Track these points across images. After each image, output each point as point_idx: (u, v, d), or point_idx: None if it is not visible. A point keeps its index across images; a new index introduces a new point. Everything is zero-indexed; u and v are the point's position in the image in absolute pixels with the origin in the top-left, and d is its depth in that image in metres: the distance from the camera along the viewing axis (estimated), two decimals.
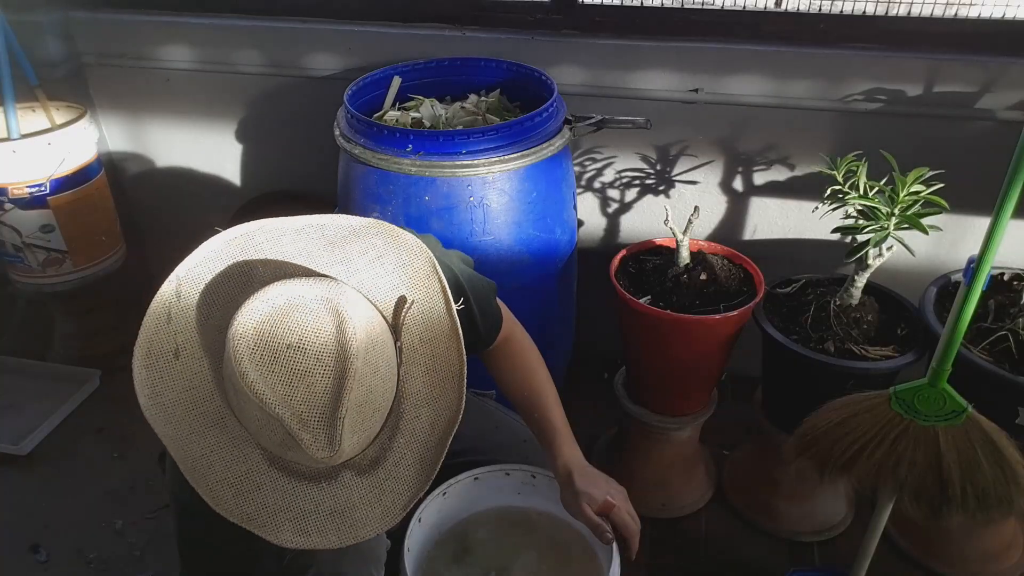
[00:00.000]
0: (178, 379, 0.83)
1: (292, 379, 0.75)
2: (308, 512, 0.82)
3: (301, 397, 0.75)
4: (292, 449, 0.78)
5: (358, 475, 0.84)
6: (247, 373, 0.75)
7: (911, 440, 1.18)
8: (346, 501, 0.83)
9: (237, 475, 0.82)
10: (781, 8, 1.77)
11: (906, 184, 1.34)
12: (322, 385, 0.76)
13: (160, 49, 2.11)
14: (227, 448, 0.82)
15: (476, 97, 1.78)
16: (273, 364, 0.75)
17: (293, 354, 0.76)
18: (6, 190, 1.94)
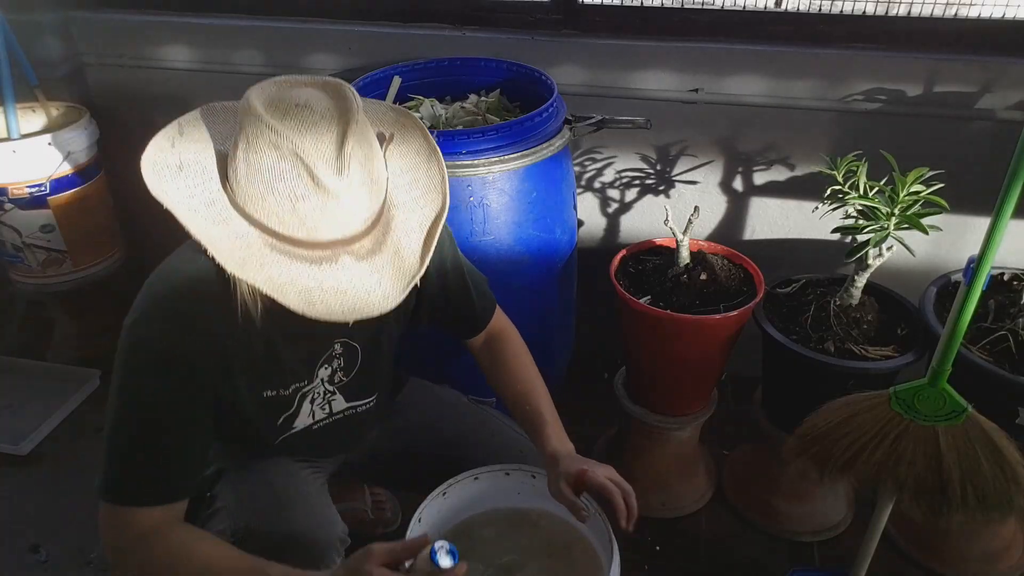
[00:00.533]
0: (181, 187, 0.89)
1: (302, 128, 0.83)
2: (311, 288, 0.87)
3: (314, 133, 0.84)
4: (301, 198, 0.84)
5: (357, 260, 0.90)
6: (262, 115, 0.83)
7: (911, 440, 1.18)
8: (348, 281, 0.88)
9: (239, 257, 0.86)
10: (781, 8, 1.77)
11: (906, 184, 1.34)
12: (329, 135, 0.85)
13: (160, 49, 2.11)
14: (230, 239, 0.86)
15: (476, 97, 1.78)
16: (284, 118, 0.84)
17: (301, 111, 0.84)
18: (6, 190, 1.94)
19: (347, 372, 1.19)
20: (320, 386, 1.17)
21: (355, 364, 1.19)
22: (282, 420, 1.15)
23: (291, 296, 0.86)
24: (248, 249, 0.86)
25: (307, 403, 1.16)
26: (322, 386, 1.17)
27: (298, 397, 1.14)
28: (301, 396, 1.14)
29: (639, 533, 1.71)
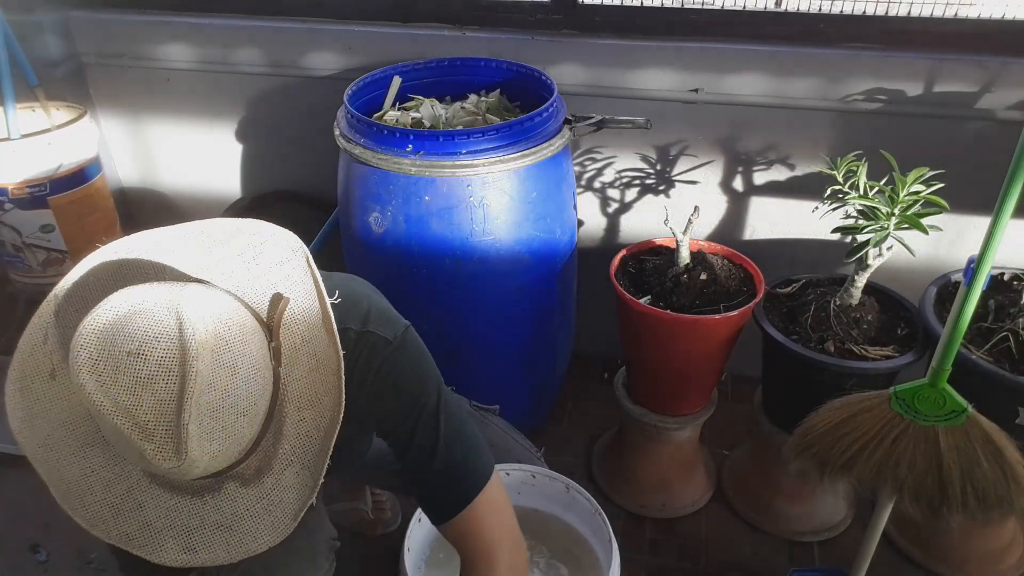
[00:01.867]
0: (55, 400, 0.80)
1: (136, 388, 0.71)
2: (193, 528, 0.79)
3: (147, 406, 0.71)
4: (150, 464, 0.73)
5: (243, 486, 0.80)
6: (86, 385, 0.71)
7: (911, 440, 1.18)
8: (232, 514, 0.80)
9: (117, 495, 0.78)
10: (781, 8, 1.77)
11: (906, 184, 1.34)
12: (167, 391, 0.71)
13: (160, 49, 2.11)
14: (107, 468, 0.79)
15: (476, 97, 1.78)
16: (116, 374, 0.71)
17: (134, 361, 0.71)
18: (6, 190, 1.94)
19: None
20: None
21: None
22: None
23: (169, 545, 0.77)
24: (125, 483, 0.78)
25: None
26: None
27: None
28: None
29: (639, 533, 1.72)
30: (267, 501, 0.81)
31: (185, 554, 0.78)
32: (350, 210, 1.65)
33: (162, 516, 0.78)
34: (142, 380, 0.71)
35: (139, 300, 0.75)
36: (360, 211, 1.61)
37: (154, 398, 0.71)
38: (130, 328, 0.72)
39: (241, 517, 0.80)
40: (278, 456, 0.81)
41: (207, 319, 0.75)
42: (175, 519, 0.78)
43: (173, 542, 0.78)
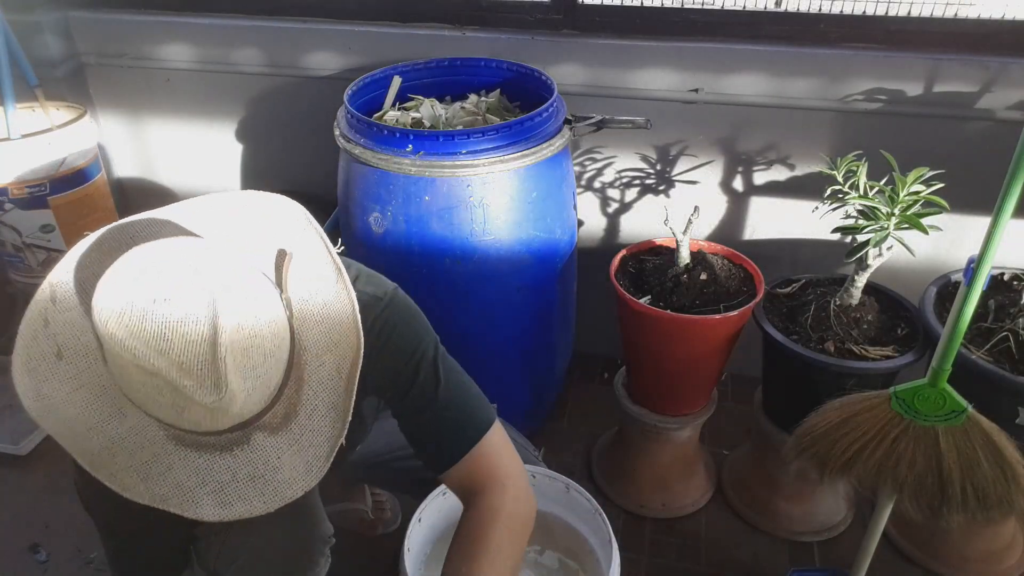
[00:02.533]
0: (64, 379, 0.80)
1: (166, 331, 0.71)
2: (226, 483, 0.78)
3: (180, 346, 0.72)
4: (185, 408, 0.74)
5: (271, 434, 0.81)
6: (116, 335, 0.71)
7: (911, 440, 1.18)
8: (264, 464, 0.80)
9: (143, 461, 0.78)
10: (781, 8, 1.77)
11: (906, 184, 1.34)
12: (198, 333, 0.72)
13: (160, 49, 2.11)
14: (129, 438, 0.78)
15: (476, 97, 1.78)
16: (143, 322, 0.71)
17: (161, 307, 0.72)
18: (6, 190, 1.94)
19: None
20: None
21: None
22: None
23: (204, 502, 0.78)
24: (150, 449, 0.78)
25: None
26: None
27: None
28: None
29: (639, 533, 1.72)
30: (298, 446, 0.81)
31: (221, 509, 0.78)
32: (350, 210, 1.65)
33: (193, 475, 0.78)
34: (172, 324, 0.71)
35: (155, 254, 0.76)
36: (360, 211, 1.61)
37: (185, 340, 0.71)
38: (151, 278, 0.73)
39: (274, 466, 0.80)
40: (302, 401, 0.82)
41: (225, 267, 0.76)
42: (207, 476, 0.78)
43: (208, 499, 0.78)
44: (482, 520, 0.97)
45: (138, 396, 0.76)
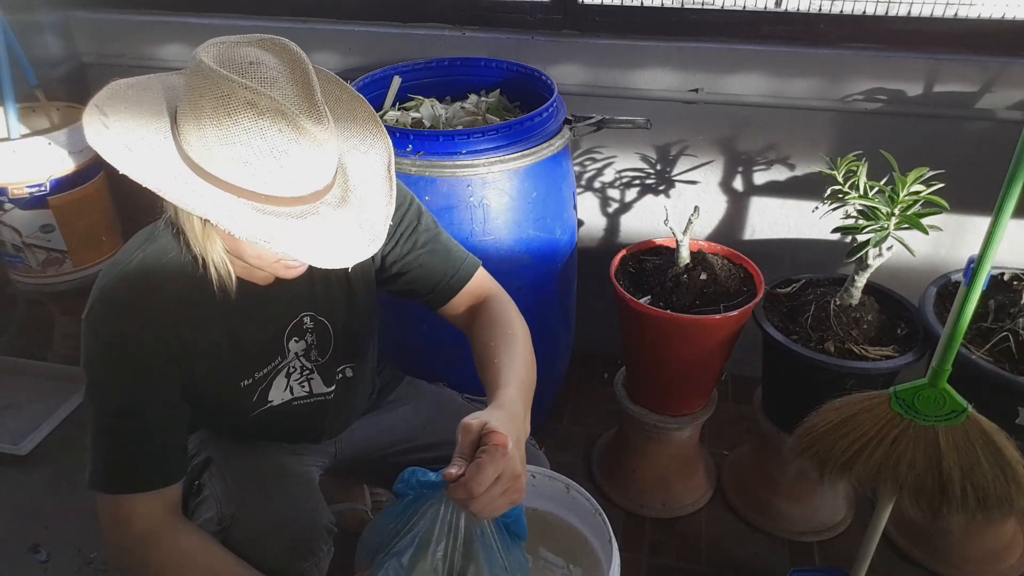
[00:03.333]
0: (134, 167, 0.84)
1: (266, 83, 0.82)
2: (306, 244, 0.86)
3: (280, 93, 0.82)
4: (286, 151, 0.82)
5: (334, 208, 0.90)
6: (230, 76, 0.79)
7: (911, 440, 1.18)
8: (334, 230, 0.89)
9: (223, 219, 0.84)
10: (781, 8, 1.77)
11: (906, 184, 1.34)
12: (291, 88, 0.83)
13: (160, 49, 2.11)
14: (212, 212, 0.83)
15: (476, 97, 1.78)
16: (245, 74, 0.81)
17: (256, 69, 0.82)
18: (6, 190, 1.94)
19: (323, 351, 1.17)
20: (296, 360, 1.15)
21: (330, 342, 1.17)
22: (257, 396, 1.14)
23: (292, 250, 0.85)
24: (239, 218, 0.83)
25: (282, 377, 1.15)
26: (298, 361, 1.15)
27: (272, 373, 1.14)
28: (275, 372, 1.14)
29: (639, 533, 1.72)
30: (358, 217, 0.92)
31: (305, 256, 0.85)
32: None
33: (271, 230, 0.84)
34: (268, 80, 0.82)
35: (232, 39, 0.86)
36: None
37: (282, 91, 0.82)
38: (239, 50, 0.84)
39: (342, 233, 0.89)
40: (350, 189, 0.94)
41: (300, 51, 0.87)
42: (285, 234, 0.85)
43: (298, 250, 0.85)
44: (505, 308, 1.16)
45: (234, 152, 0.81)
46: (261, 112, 0.80)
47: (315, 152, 0.84)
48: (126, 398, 0.97)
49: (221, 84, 0.80)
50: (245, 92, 0.79)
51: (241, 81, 0.79)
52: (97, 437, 0.98)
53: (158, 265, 0.97)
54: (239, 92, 0.79)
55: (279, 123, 0.81)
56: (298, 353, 1.15)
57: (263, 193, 0.84)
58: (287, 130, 0.81)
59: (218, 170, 0.83)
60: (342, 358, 1.20)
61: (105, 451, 0.98)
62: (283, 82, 0.83)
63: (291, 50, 0.86)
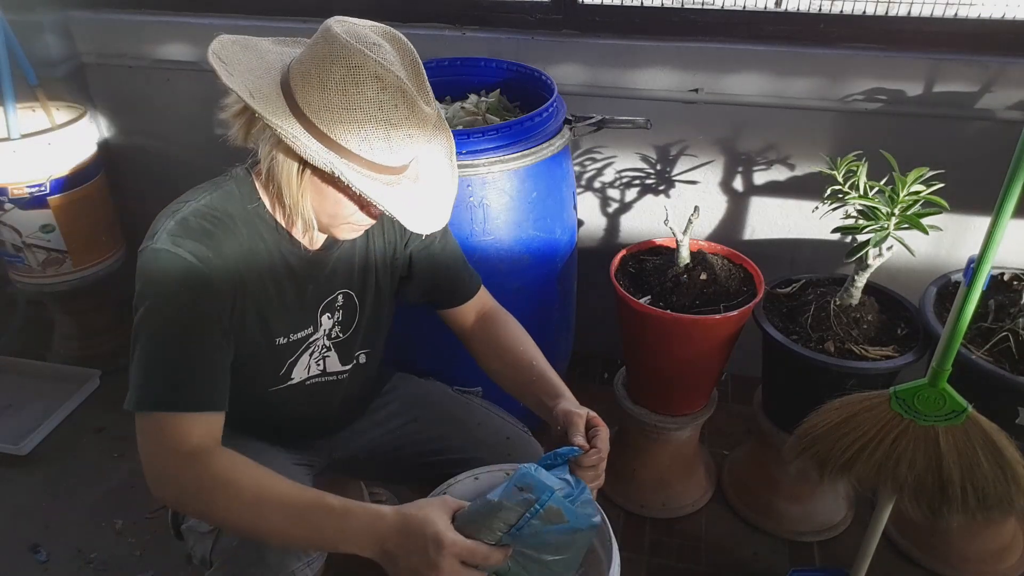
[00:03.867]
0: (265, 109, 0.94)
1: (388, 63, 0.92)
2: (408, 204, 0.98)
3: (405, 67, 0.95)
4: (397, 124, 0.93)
5: (413, 183, 1.02)
6: (364, 51, 0.90)
7: (911, 440, 1.18)
8: (414, 200, 1.00)
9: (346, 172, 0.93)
10: (781, 8, 1.77)
11: (906, 184, 1.34)
12: (405, 70, 0.95)
13: (160, 49, 2.11)
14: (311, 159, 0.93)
15: (476, 97, 1.78)
16: (373, 52, 0.92)
17: (379, 50, 0.93)
18: (6, 190, 1.94)
19: (344, 328, 1.20)
20: (322, 338, 1.18)
21: (353, 321, 1.21)
22: (285, 368, 1.15)
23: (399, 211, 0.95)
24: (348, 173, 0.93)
25: (307, 355, 1.17)
26: (323, 339, 1.18)
27: (302, 347, 1.16)
28: (306, 346, 1.16)
29: (639, 533, 1.72)
30: (431, 195, 1.05)
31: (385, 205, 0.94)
32: None
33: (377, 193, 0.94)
34: (390, 60, 0.93)
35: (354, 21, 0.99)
36: None
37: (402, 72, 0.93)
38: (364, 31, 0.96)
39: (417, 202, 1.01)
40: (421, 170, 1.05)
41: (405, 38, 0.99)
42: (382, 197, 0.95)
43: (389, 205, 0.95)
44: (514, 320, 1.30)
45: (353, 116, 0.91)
46: (385, 87, 0.90)
47: (419, 130, 0.95)
48: (189, 317, 0.97)
49: (355, 55, 0.90)
50: (375, 67, 0.89)
51: (372, 56, 0.90)
52: (150, 359, 0.97)
53: (225, 207, 1.04)
54: (370, 65, 0.90)
55: (398, 99, 0.91)
56: (327, 330, 1.18)
57: (366, 158, 0.94)
58: (403, 107, 0.92)
59: (332, 131, 0.92)
60: (361, 342, 1.24)
61: (160, 370, 0.97)
62: (399, 67, 0.93)
63: (402, 41, 0.98)
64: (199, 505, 0.95)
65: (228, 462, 0.96)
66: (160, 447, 0.96)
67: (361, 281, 1.19)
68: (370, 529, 0.90)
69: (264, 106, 0.94)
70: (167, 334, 0.97)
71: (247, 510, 0.92)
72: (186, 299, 0.97)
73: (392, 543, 0.89)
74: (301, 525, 0.92)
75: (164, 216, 1.01)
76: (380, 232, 1.21)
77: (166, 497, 0.98)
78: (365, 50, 0.90)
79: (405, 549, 0.88)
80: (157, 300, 0.96)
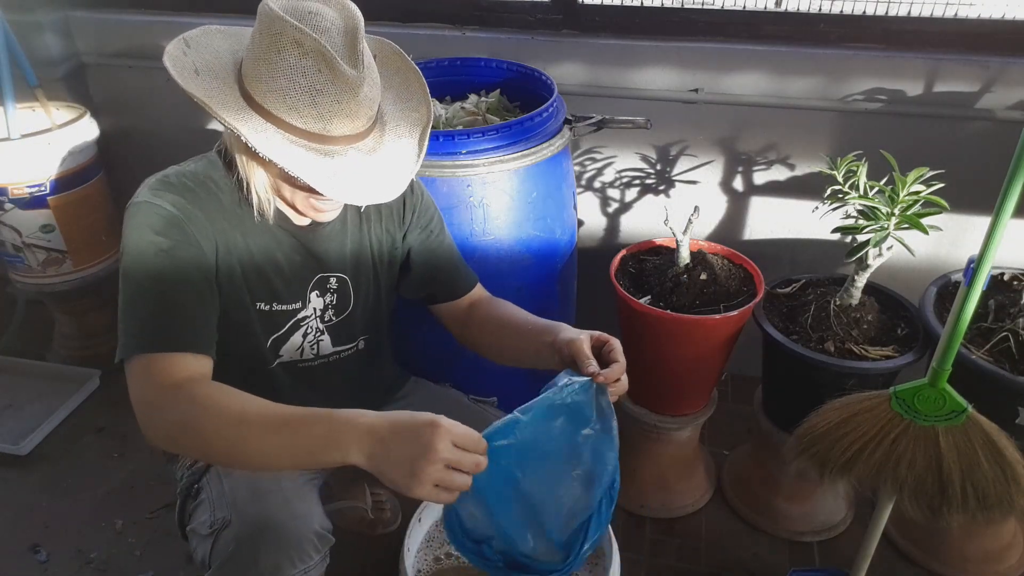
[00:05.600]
0: (199, 89, 0.96)
1: (319, 29, 0.93)
2: (329, 176, 0.95)
3: (327, 38, 0.93)
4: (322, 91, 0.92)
5: (365, 155, 1.00)
6: (284, 17, 0.91)
7: (911, 440, 1.18)
8: (358, 172, 0.98)
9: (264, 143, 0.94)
10: (781, 8, 1.77)
11: (906, 184, 1.34)
12: (342, 37, 0.95)
13: (160, 49, 2.10)
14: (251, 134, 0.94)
15: (476, 97, 1.78)
16: (302, 21, 0.92)
17: (314, 17, 0.94)
18: (6, 190, 1.94)
19: (338, 312, 1.22)
20: (313, 319, 1.19)
21: (347, 305, 1.22)
22: (271, 341, 1.16)
23: (314, 179, 0.93)
24: (269, 141, 0.94)
25: (299, 335, 1.18)
26: (315, 320, 1.19)
27: (291, 323, 1.17)
28: (295, 323, 1.17)
29: (639, 533, 1.72)
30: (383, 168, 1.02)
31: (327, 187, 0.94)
32: None
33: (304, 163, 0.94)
34: (322, 28, 0.93)
35: None
36: None
37: (331, 38, 0.94)
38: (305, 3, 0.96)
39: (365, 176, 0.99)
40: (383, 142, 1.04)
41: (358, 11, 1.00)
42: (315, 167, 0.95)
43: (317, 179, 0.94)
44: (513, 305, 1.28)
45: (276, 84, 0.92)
46: (305, 52, 0.91)
47: (349, 95, 0.94)
48: (172, 264, 1.00)
49: (275, 23, 0.91)
50: (295, 32, 0.90)
51: (292, 23, 0.90)
52: (135, 305, 1.00)
53: (208, 172, 1.07)
54: (289, 32, 0.90)
55: (319, 63, 0.91)
56: (317, 309, 1.19)
57: (299, 127, 0.94)
58: (326, 71, 0.91)
59: (264, 99, 0.94)
60: (361, 328, 1.26)
61: (146, 315, 0.99)
62: (334, 33, 0.94)
63: (349, 9, 0.99)
64: (188, 437, 0.95)
65: (214, 389, 0.97)
66: (147, 385, 0.97)
67: (354, 266, 1.21)
68: (357, 421, 0.91)
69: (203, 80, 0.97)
70: (148, 284, 1.00)
71: (232, 430, 0.93)
72: (164, 245, 1.01)
73: (383, 431, 0.89)
74: (284, 432, 0.93)
75: (148, 179, 1.08)
76: (378, 220, 1.23)
77: (157, 436, 0.98)
78: (288, 18, 0.91)
79: (397, 435, 0.88)
80: (137, 247, 1.01)
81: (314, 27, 0.92)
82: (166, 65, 0.97)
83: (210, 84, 0.97)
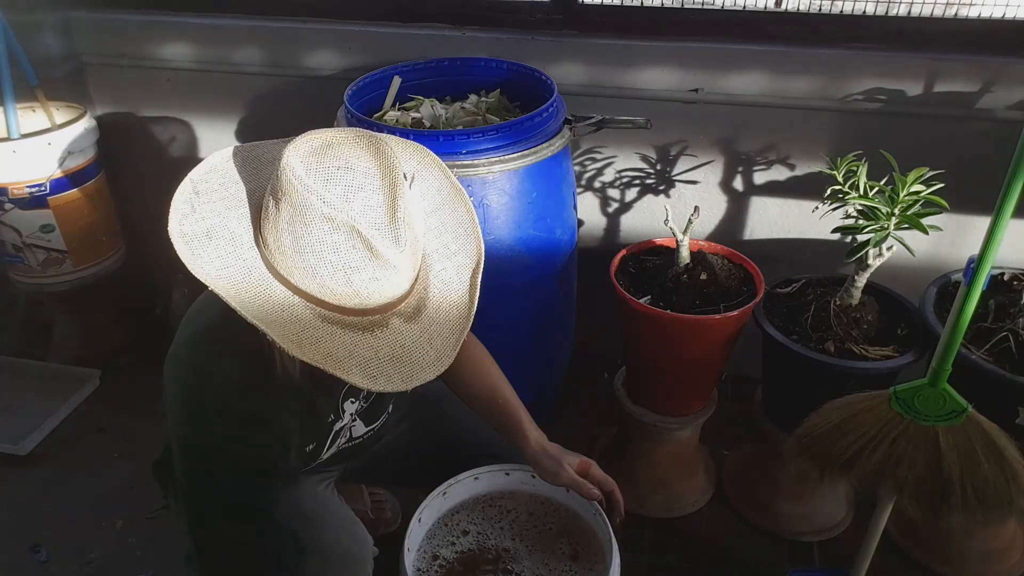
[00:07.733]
0: (213, 258, 0.85)
1: (348, 194, 0.80)
2: (370, 359, 0.84)
3: (359, 208, 0.80)
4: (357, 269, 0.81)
5: (407, 322, 0.89)
6: (311, 186, 0.79)
7: (911, 440, 1.18)
8: (401, 346, 0.87)
9: (293, 332, 0.82)
10: (781, 8, 1.77)
11: (906, 184, 1.34)
12: (376, 199, 0.81)
13: (160, 49, 2.11)
14: (276, 313, 0.83)
15: (476, 97, 1.78)
16: (329, 183, 0.80)
17: (344, 174, 0.81)
18: (6, 190, 1.94)
19: (366, 399, 1.21)
20: (348, 421, 1.19)
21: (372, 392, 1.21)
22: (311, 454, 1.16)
23: (353, 372, 0.83)
24: (298, 324, 0.83)
25: (337, 438, 1.19)
26: (348, 419, 1.19)
27: (331, 436, 1.16)
28: (334, 435, 1.16)
29: (639, 533, 1.72)
30: (429, 335, 0.90)
31: (368, 380, 0.83)
32: None
33: (340, 348, 0.83)
34: (353, 187, 0.80)
35: (331, 135, 0.85)
36: None
37: (365, 202, 0.80)
38: (332, 152, 0.82)
39: (410, 349, 0.87)
40: (430, 298, 0.92)
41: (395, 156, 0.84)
42: (352, 351, 0.84)
43: (356, 369, 0.83)
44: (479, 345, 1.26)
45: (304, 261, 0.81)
46: (337, 227, 0.79)
47: (387, 272, 0.83)
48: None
49: (298, 193, 0.79)
50: (322, 206, 0.78)
51: (320, 194, 0.78)
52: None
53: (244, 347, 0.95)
54: (315, 206, 0.79)
55: (354, 240, 0.80)
56: (352, 414, 1.17)
57: (332, 303, 0.84)
58: (361, 248, 0.80)
59: (290, 273, 0.84)
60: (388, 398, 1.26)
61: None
62: (369, 191, 0.81)
63: (386, 154, 0.84)
64: None
65: None
66: None
67: None
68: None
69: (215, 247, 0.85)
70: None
71: None
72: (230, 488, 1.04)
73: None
74: None
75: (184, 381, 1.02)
76: None
77: None
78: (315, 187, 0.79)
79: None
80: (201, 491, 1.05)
81: (345, 191, 0.80)
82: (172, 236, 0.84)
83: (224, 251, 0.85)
